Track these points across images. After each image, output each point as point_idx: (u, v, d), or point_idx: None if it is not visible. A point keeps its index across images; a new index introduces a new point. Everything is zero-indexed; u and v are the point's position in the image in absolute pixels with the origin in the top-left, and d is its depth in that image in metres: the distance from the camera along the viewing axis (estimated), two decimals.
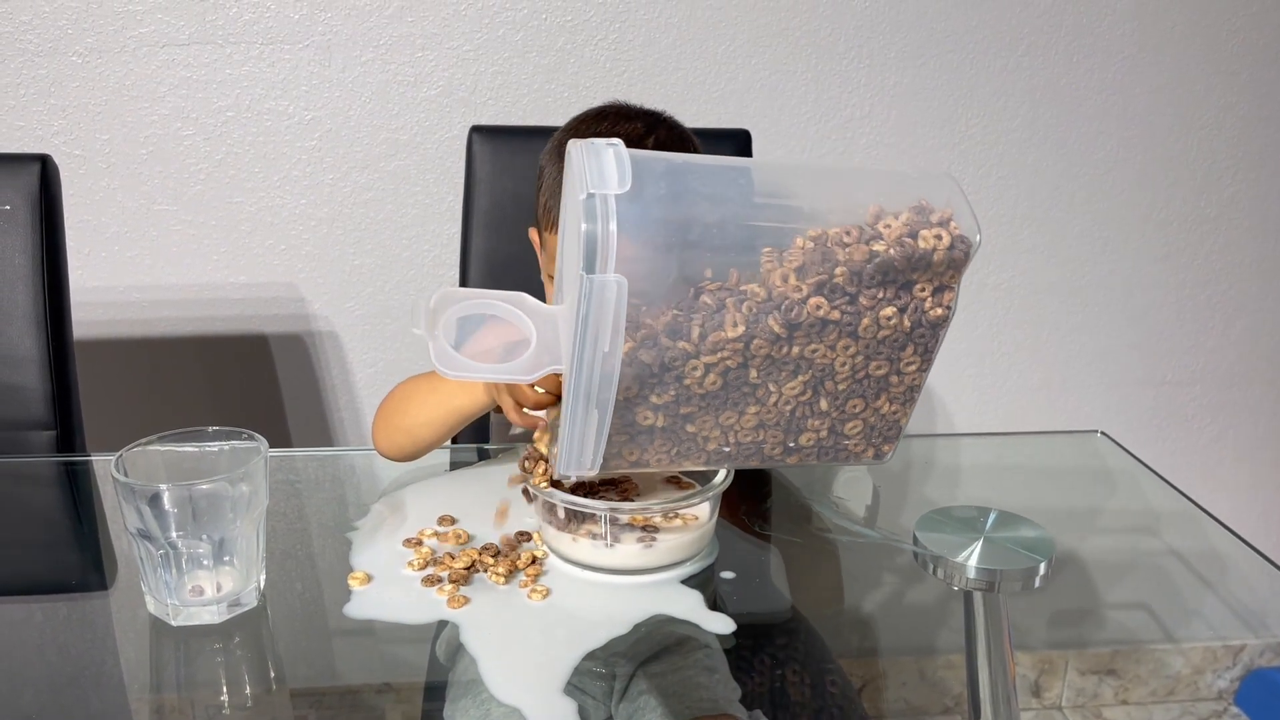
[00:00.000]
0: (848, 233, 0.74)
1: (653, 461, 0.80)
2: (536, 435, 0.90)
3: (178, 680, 0.78)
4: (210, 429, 0.84)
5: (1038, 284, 1.86)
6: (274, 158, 1.60)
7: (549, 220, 1.08)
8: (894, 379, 0.80)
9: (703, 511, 0.89)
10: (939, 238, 0.75)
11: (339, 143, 1.61)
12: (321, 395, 1.72)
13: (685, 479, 0.95)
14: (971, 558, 0.87)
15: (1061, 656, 1.39)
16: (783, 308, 0.73)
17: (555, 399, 0.88)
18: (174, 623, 0.79)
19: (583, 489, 0.92)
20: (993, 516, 0.92)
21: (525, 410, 0.91)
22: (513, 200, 1.36)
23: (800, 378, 0.77)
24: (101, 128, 1.55)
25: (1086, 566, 1.00)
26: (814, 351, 0.76)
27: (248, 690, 0.77)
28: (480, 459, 1.14)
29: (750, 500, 1.02)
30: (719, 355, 0.74)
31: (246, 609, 0.81)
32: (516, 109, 1.62)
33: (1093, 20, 1.73)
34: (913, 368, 0.81)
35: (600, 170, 0.71)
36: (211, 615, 0.79)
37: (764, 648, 0.84)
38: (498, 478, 1.05)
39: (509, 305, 0.81)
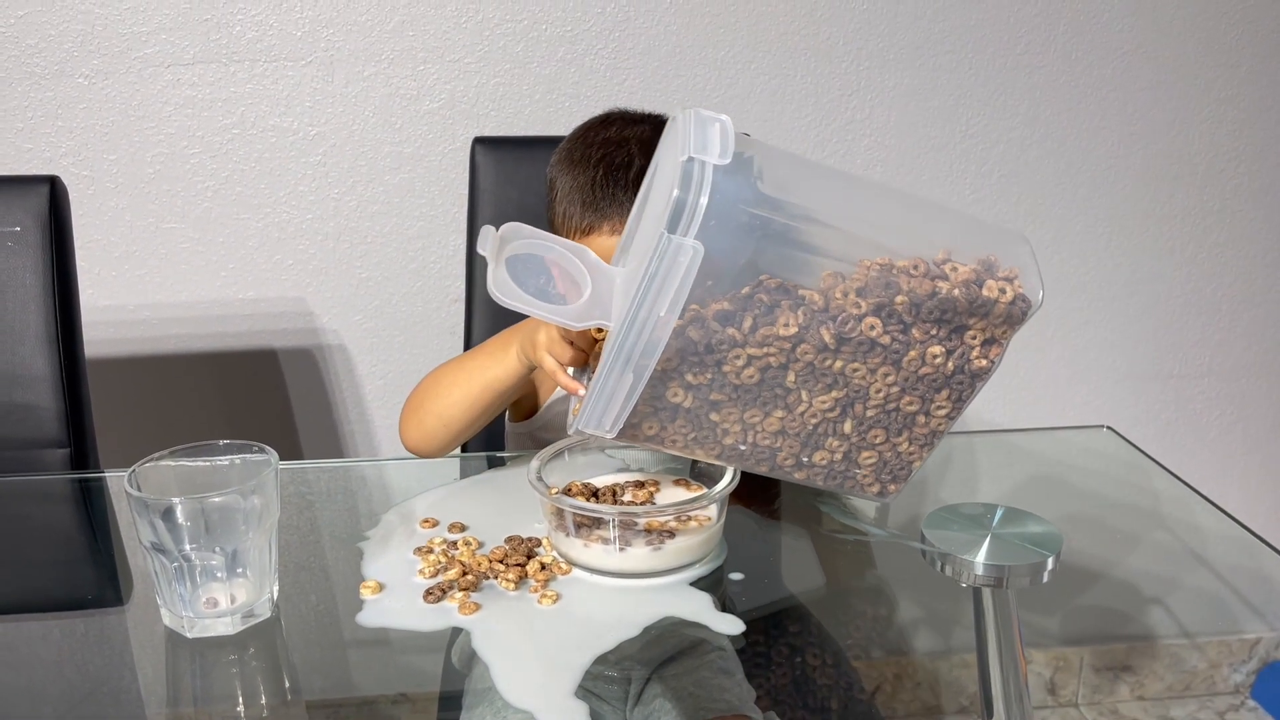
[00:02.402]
0: (915, 265, 0.75)
1: (668, 441, 0.80)
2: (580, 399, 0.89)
3: (194, 693, 0.79)
4: (221, 443, 0.84)
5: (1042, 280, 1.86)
6: (279, 174, 1.61)
7: (569, 228, 1.09)
8: (921, 419, 0.81)
9: (711, 514, 0.90)
10: (1003, 291, 0.76)
11: (343, 157, 1.62)
12: (331, 408, 1.73)
13: (693, 482, 0.96)
14: (979, 554, 0.87)
15: (1076, 653, 1.38)
16: (838, 319, 0.74)
17: (589, 358, 0.88)
18: (189, 635, 0.80)
19: (600, 496, 0.92)
20: (1000, 513, 0.92)
21: (568, 371, 0.90)
22: (517, 210, 1.36)
23: (834, 393, 0.78)
24: (109, 148, 1.57)
25: (1098, 563, 1.00)
26: (855, 371, 0.77)
27: (263, 701, 0.78)
28: (490, 467, 1.14)
29: (759, 501, 1.02)
30: (764, 350, 0.75)
31: (260, 620, 0.81)
32: (519, 120, 1.64)
33: (1090, 17, 1.74)
34: (942, 412, 0.82)
35: (704, 138, 0.71)
36: (226, 627, 0.80)
37: (777, 649, 0.84)
38: (507, 485, 1.06)
39: (571, 254, 0.82)
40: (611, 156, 1.09)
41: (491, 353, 1.02)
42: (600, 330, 0.89)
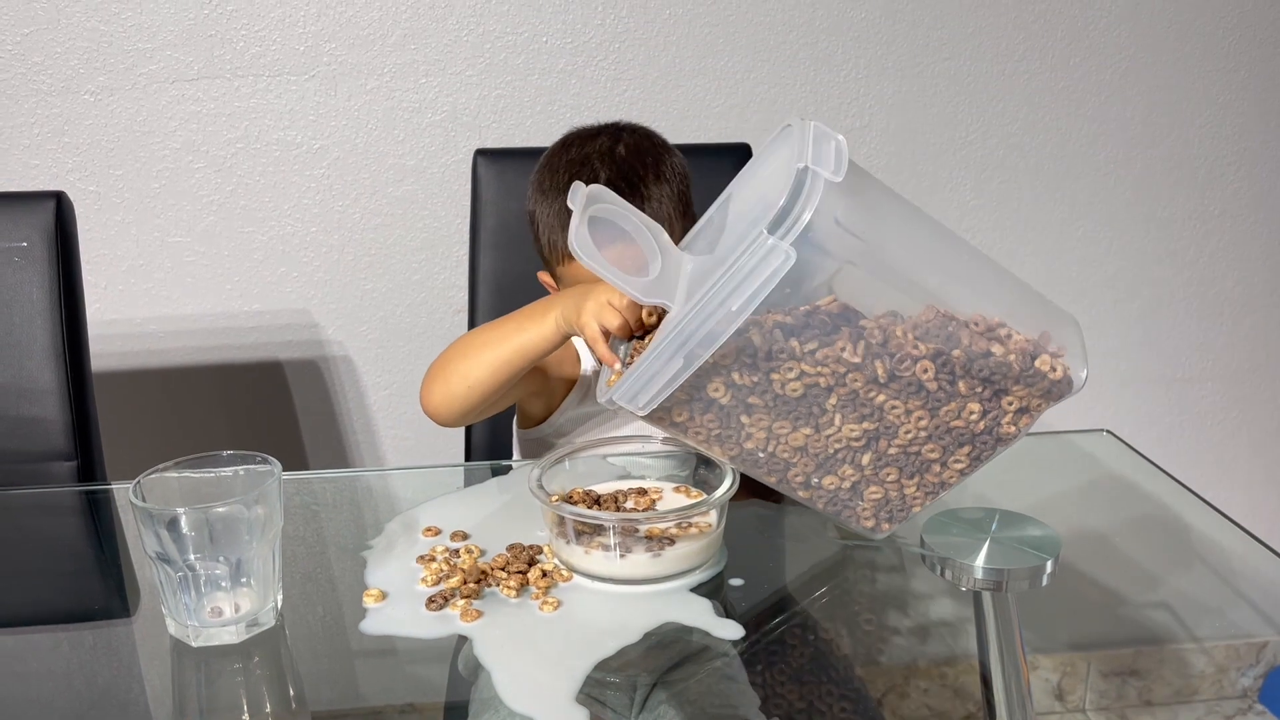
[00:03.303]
0: (975, 322, 0.77)
1: (692, 431, 0.81)
2: (615, 372, 0.89)
3: (200, 703, 0.79)
4: (225, 454, 0.85)
5: (1042, 286, 1.86)
6: (284, 187, 1.63)
7: (555, 256, 1.11)
8: (936, 468, 0.83)
9: (711, 520, 0.90)
10: (1054, 369, 0.78)
11: (347, 170, 1.63)
12: (337, 418, 1.74)
13: (693, 489, 0.97)
14: (978, 558, 0.88)
15: (1083, 659, 1.38)
16: (895, 356, 0.76)
17: (633, 336, 0.89)
18: (194, 644, 0.80)
19: (602, 503, 0.93)
20: (998, 517, 0.93)
21: (611, 339, 0.90)
22: (518, 220, 1.37)
23: (865, 424, 0.80)
24: (114, 163, 1.58)
25: (1103, 568, 1.01)
26: (893, 408, 0.78)
27: (268, 709, 0.78)
28: (493, 475, 1.15)
29: (758, 507, 1.03)
30: (818, 369, 0.76)
31: (265, 628, 0.82)
32: (520, 131, 1.65)
33: (1088, 23, 1.74)
34: (958, 466, 0.83)
35: (820, 152, 0.72)
36: (230, 635, 0.80)
37: (780, 655, 0.85)
38: (509, 494, 1.07)
39: (646, 230, 0.83)
40: (578, 176, 1.11)
41: (529, 316, 1.00)
42: (652, 313, 0.90)
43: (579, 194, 0.82)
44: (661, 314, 0.87)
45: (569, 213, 1.09)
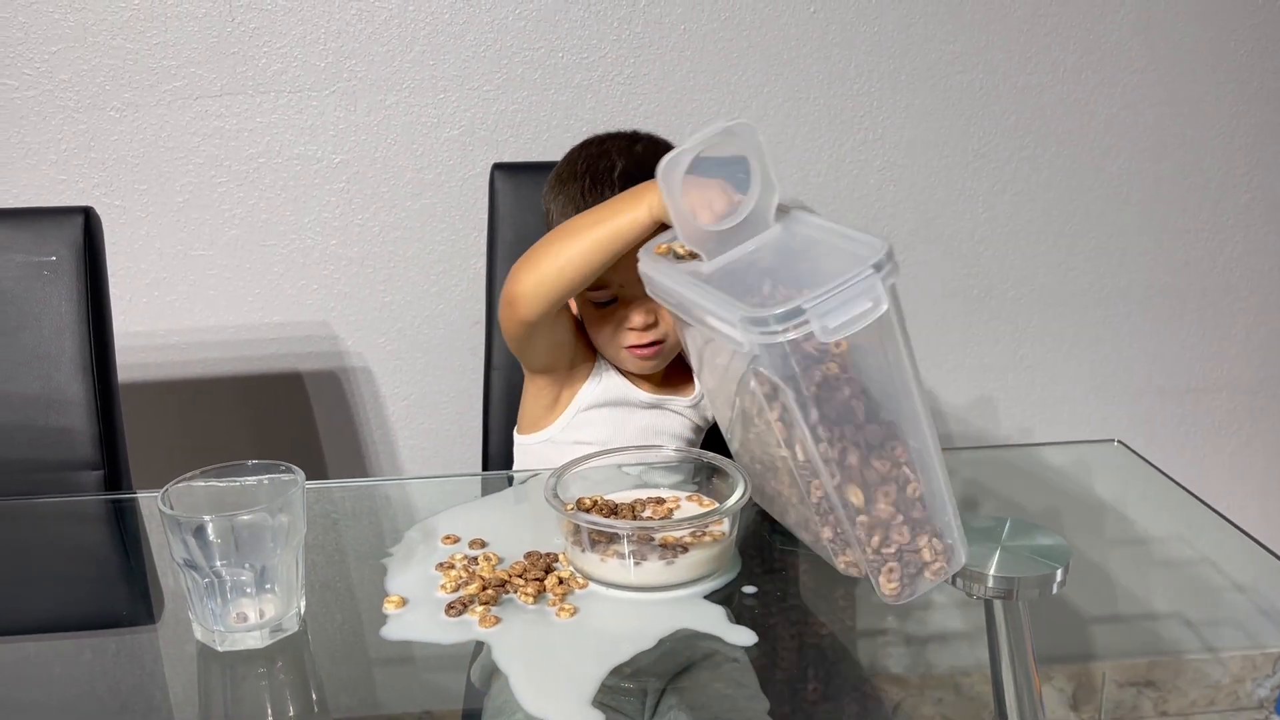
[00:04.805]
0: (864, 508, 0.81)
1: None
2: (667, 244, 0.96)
3: (225, 708, 0.81)
4: (250, 463, 0.87)
5: (1057, 296, 1.87)
6: (304, 201, 1.65)
7: None
8: (826, 536, 0.87)
9: (724, 528, 0.91)
10: (886, 582, 0.82)
11: (366, 184, 1.66)
12: (356, 428, 1.76)
13: (706, 497, 0.98)
14: (989, 567, 0.89)
15: (1099, 669, 1.38)
16: (808, 470, 0.81)
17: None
18: (220, 648, 0.82)
19: (620, 512, 0.95)
20: (1009, 525, 0.94)
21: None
22: (535, 234, 1.38)
23: (789, 480, 0.86)
24: (140, 178, 1.61)
25: (1117, 578, 1.01)
26: (819, 488, 0.83)
27: (291, 713, 0.80)
28: (511, 484, 1.17)
29: (771, 516, 1.04)
30: (785, 449, 0.82)
31: (288, 634, 0.84)
32: (537, 145, 1.67)
33: (1100, 36, 1.75)
34: (839, 536, 0.87)
35: (841, 314, 0.74)
36: (255, 640, 0.82)
37: (790, 661, 0.86)
38: (526, 502, 1.08)
39: (758, 188, 0.88)
40: (595, 165, 1.14)
41: (623, 201, 1.02)
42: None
43: (717, 124, 0.86)
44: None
45: (579, 203, 1.12)
